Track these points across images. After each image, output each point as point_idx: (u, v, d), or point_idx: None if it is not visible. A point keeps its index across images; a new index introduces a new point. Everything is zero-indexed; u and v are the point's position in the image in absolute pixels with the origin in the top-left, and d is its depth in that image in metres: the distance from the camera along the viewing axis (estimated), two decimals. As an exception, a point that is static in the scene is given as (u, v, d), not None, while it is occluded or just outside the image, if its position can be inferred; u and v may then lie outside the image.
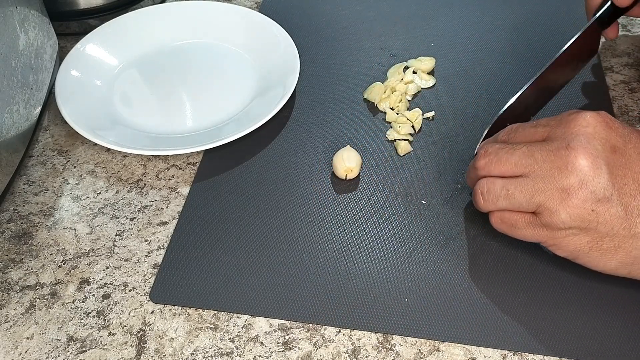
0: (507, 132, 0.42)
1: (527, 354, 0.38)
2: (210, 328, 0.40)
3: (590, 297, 0.41)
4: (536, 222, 0.38)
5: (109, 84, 0.57)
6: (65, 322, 0.41)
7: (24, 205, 0.48)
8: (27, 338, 0.40)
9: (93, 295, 0.42)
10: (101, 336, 0.40)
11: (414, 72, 0.57)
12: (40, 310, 0.41)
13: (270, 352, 0.39)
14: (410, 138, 0.51)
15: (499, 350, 0.39)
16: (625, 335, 0.39)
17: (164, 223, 0.46)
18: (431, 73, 0.58)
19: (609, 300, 0.40)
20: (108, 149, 0.52)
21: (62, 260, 0.44)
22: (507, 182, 0.39)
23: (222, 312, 0.41)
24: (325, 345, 0.39)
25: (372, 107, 0.55)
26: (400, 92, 0.54)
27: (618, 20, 0.51)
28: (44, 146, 0.53)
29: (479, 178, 0.41)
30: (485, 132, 0.46)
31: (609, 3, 0.49)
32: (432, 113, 0.53)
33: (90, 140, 0.51)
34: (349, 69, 0.58)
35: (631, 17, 0.63)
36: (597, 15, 0.49)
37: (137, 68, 0.59)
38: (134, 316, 0.41)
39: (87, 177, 0.50)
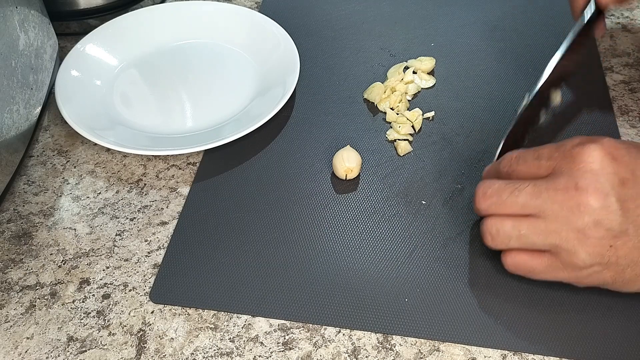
0: (507, 162, 0.41)
1: (527, 354, 0.38)
2: (210, 328, 0.40)
3: (591, 297, 0.41)
4: (556, 265, 0.37)
5: (109, 84, 0.57)
6: (65, 322, 0.41)
7: (24, 205, 0.48)
8: (27, 338, 0.40)
9: (93, 295, 0.42)
10: (101, 336, 0.40)
11: (414, 72, 0.57)
12: (40, 310, 0.41)
13: (270, 352, 0.39)
14: (410, 138, 0.51)
15: (499, 350, 0.39)
16: (625, 336, 0.39)
17: (164, 223, 0.46)
18: (431, 73, 0.58)
19: (609, 301, 0.40)
20: (108, 149, 0.52)
21: (62, 260, 0.44)
22: (518, 222, 0.38)
23: (222, 312, 0.41)
24: (325, 345, 0.39)
25: (372, 107, 0.55)
26: (400, 92, 0.54)
27: (606, 18, 0.51)
28: (44, 146, 0.53)
29: (484, 217, 0.40)
30: (498, 152, 0.45)
31: (593, 4, 0.49)
32: (432, 113, 0.53)
33: (90, 140, 0.51)
34: (349, 69, 0.58)
35: (631, 18, 0.63)
36: (587, 18, 0.49)
37: (137, 68, 0.59)
38: (134, 316, 0.41)
39: (87, 177, 0.50)
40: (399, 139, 0.51)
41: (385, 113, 0.53)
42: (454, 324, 0.40)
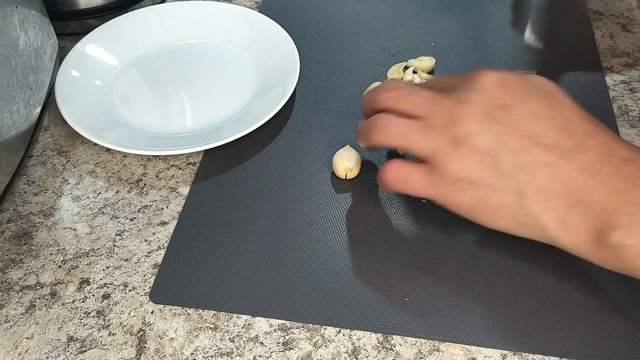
0: (429, 81, 0.44)
1: (527, 354, 0.38)
2: (210, 328, 0.40)
3: (591, 297, 0.41)
4: (429, 176, 0.39)
5: (109, 84, 0.57)
6: (65, 322, 0.41)
7: (24, 205, 0.48)
8: (27, 338, 0.40)
9: (93, 295, 0.42)
10: (101, 336, 0.40)
11: (414, 72, 0.57)
12: (40, 310, 0.41)
13: (270, 352, 0.39)
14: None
15: (499, 350, 0.39)
16: (626, 335, 0.39)
17: (164, 223, 0.46)
18: (431, 73, 0.58)
19: (610, 300, 0.40)
20: (108, 149, 0.52)
21: (62, 260, 0.44)
22: (408, 121, 0.40)
23: (222, 312, 0.41)
24: (325, 345, 0.39)
25: (372, 107, 0.55)
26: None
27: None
28: (44, 146, 0.53)
29: (377, 111, 0.42)
30: None
31: None
32: None
33: (90, 140, 0.51)
34: (349, 68, 0.58)
35: (631, 18, 0.63)
36: None
37: (137, 68, 0.59)
38: (134, 316, 0.41)
39: (87, 177, 0.50)
40: None
41: (385, 113, 0.53)
42: (454, 324, 0.40)
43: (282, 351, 0.39)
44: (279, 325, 0.40)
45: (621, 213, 0.34)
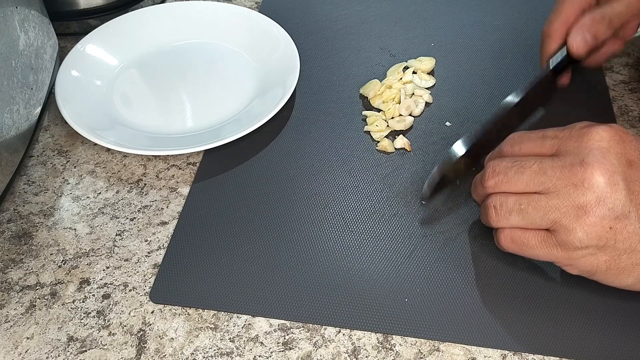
0: (510, 143, 0.40)
1: (527, 354, 0.38)
2: (210, 328, 0.40)
3: (591, 297, 0.41)
4: (550, 241, 0.37)
5: (109, 84, 0.57)
6: (65, 322, 0.41)
7: (24, 205, 0.48)
8: (27, 338, 0.40)
9: (93, 295, 0.42)
10: (101, 336, 0.40)
11: (414, 73, 0.57)
12: (40, 310, 0.41)
13: (270, 352, 0.39)
14: (405, 141, 0.51)
15: (499, 350, 0.39)
16: (625, 336, 0.39)
17: (164, 223, 0.46)
18: (431, 73, 0.58)
19: (609, 300, 0.40)
20: (108, 149, 0.52)
21: (62, 260, 0.44)
22: (520, 197, 0.37)
23: (222, 312, 0.41)
24: (325, 345, 0.39)
25: (371, 107, 0.55)
26: (397, 89, 0.54)
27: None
28: (44, 146, 0.53)
29: (488, 195, 0.40)
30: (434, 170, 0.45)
31: (564, 53, 0.48)
32: (422, 107, 0.53)
33: (90, 140, 0.51)
34: (348, 69, 0.58)
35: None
36: (552, 66, 0.48)
37: (137, 68, 0.59)
38: (134, 316, 0.41)
39: (87, 177, 0.50)
40: (382, 135, 0.51)
41: (379, 110, 0.54)
42: (454, 324, 0.40)
43: (282, 351, 0.39)
44: (279, 325, 0.40)
45: None
